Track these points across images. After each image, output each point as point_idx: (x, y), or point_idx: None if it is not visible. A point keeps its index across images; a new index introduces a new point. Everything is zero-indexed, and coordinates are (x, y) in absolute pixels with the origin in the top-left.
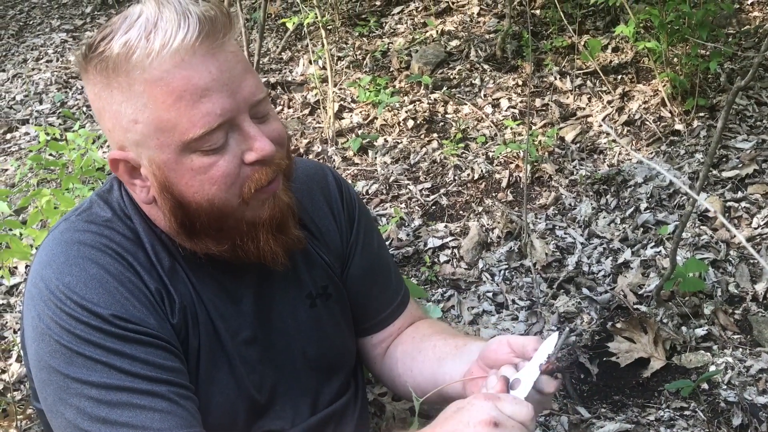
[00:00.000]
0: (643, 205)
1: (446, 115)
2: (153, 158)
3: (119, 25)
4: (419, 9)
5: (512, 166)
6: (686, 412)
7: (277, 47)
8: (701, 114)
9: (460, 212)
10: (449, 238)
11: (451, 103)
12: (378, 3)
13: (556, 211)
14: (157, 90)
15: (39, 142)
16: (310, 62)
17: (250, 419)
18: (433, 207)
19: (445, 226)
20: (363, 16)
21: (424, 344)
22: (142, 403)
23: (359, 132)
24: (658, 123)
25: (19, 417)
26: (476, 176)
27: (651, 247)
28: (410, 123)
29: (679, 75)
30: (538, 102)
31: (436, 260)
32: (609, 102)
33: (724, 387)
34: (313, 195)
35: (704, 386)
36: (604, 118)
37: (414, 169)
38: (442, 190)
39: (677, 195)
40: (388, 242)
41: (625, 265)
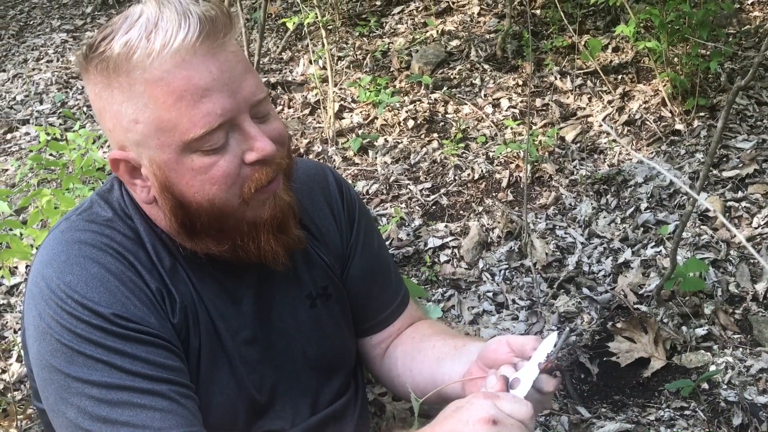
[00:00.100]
0: (644, 205)
1: (446, 115)
2: (153, 158)
3: (120, 25)
4: (419, 9)
5: (512, 166)
6: (686, 412)
7: (277, 47)
8: (701, 114)
9: (461, 212)
10: (449, 238)
11: (451, 103)
12: (378, 3)
13: (557, 211)
14: (157, 90)
15: (39, 142)
16: (310, 62)
17: (250, 419)
18: (434, 207)
19: (446, 226)
20: (363, 16)
21: (423, 344)
22: (142, 402)
23: (359, 132)
24: (659, 123)
25: (19, 417)
26: (476, 176)
27: (651, 247)
28: (410, 123)
29: (680, 75)
30: (538, 102)
31: (436, 260)
32: (609, 102)
33: (725, 387)
34: (313, 195)
35: (704, 386)
36: (604, 118)
37: (414, 169)
38: (442, 190)
39: (677, 195)
40: (388, 242)
41: (626, 264)
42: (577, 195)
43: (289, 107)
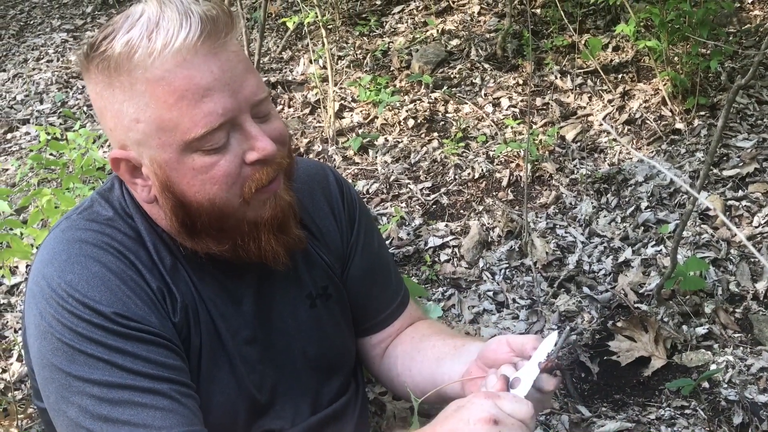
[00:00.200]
0: (644, 204)
1: (447, 115)
2: (154, 157)
3: (121, 24)
4: (420, 8)
5: (513, 165)
6: (687, 411)
7: (277, 46)
8: (702, 113)
9: (461, 211)
10: (450, 237)
11: (451, 102)
12: (378, 2)
13: (557, 210)
14: (158, 89)
15: (39, 142)
16: (310, 61)
17: (251, 418)
18: (434, 206)
19: (446, 225)
20: (363, 16)
21: (423, 344)
22: (143, 401)
23: (360, 131)
24: (659, 122)
25: (20, 416)
26: (477, 175)
27: (652, 246)
28: (411, 122)
29: (680, 74)
30: (538, 101)
31: (436, 259)
32: (609, 101)
33: (725, 386)
34: (314, 195)
35: (705, 385)
36: (604, 117)
37: (414, 169)
38: (442, 189)
39: (678, 194)
40: (388, 241)
41: (626, 263)
42: (578, 194)
43: (290, 107)
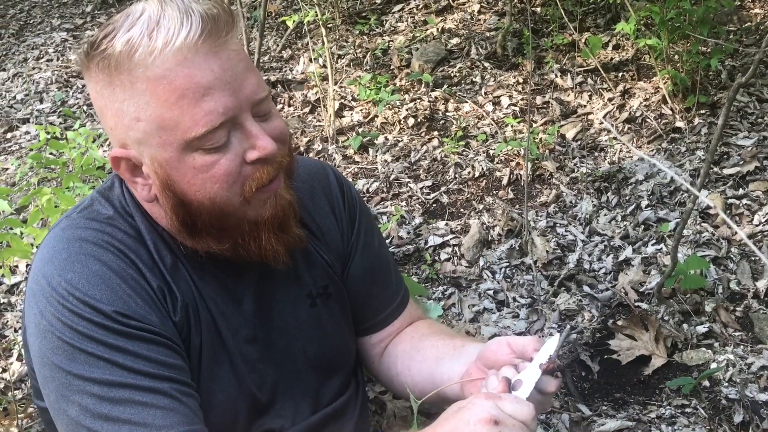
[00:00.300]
0: (644, 203)
1: (447, 113)
2: (155, 156)
3: (122, 23)
4: (420, 7)
5: (513, 163)
6: (687, 410)
7: (277, 45)
8: (702, 111)
9: (461, 210)
10: (450, 236)
11: (451, 100)
12: (378, 1)
13: (557, 209)
14: (159, 88)
15: (39, 141)
16: (310, 60)
17: (251, 417)
18: (434, 205)
19: (446, 224)
20: (363, 14)
21: (422, 344)
22: (144, 400)
23: (360, 130)
24: (659, 120)
25: (20, 415)
26: (477, 174)
27: (652, 245)
28: (411, 121)
29: (680, 72)
30: (538, 99)
31: (436, 258)
32: (610, 99)
33: (726, 384)
34: (314, 194)
35: (705, 383)
36: (604, 116)
37: (415, 167)
38: (442, 188)
39: (678, 192)
40: (388, 240)
41: (626, 262)
42: (578, 193)
43: (290, 105)
